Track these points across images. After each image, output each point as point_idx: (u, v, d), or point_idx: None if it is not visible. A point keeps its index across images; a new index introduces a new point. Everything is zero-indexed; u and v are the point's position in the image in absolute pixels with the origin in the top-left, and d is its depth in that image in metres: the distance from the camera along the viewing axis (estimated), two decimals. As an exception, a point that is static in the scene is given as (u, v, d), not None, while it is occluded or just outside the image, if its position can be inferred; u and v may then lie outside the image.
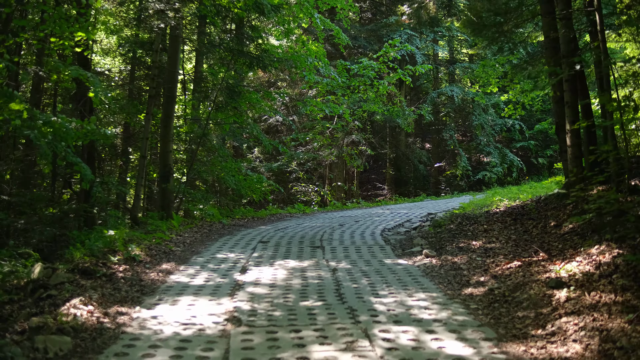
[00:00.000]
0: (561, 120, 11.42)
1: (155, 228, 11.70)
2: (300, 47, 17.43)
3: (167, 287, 7.29)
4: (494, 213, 12.42)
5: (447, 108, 31.63)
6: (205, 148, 18.51)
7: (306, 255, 9.84)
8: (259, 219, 16.23)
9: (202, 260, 9.34)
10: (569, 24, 10.66)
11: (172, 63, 15.03)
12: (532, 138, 31.31)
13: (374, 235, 12.28)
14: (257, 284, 7.53)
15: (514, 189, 19.30)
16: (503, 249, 8.79)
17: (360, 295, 6.88)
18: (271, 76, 27.42)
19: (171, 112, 15.08)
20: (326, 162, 27.26)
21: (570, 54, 10.64)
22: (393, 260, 9.25)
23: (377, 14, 30.58)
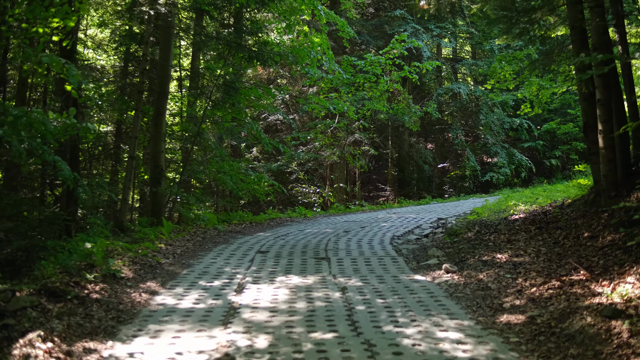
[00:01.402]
0: (590, 119, 10.39)
1: (142, 236, 10.63)
2: (303, 40, 16.37)
3: (149, 312, 6.22)
4: (513, 220, 11.39)
5: (452, 107, 30.57)
6: (201, 147, 17.50)
7: (310, 269, 8.79)
8: (258, 224, 15.17)
9: (193, 275, 8.28)
10: (600, 12, 9.62)
11: (164, 56, 13.98)
12: (540, 138, 30.26)
13: (384, 244, 11.23)
14: (256, 307, 6.47)
15: (527, 192, 18.26)
16: (535, 265, 7.74)
17: (377, 323, 5.83)
18: (271, 73, 26.37)
19: (163, 109, 14.02)
20: (327, 163, 26.21)
21: (604, 46, 9.61)
22: (409, 276, 8.20)
23: (380, 9, 29.53)
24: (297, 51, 15.42)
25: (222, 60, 15.84)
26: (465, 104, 30.42)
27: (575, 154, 29.18)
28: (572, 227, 9.26)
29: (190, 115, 17.59)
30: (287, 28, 15.98)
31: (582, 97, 10.59)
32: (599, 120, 9.50)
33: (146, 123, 15.70)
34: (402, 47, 20.50)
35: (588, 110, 10.44)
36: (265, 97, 16.75)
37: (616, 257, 7.15)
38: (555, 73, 13.56)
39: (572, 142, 29.49)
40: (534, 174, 29.46)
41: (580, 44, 10.58)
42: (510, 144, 30.46)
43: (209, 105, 15.59)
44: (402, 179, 30.44)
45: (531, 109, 15.74)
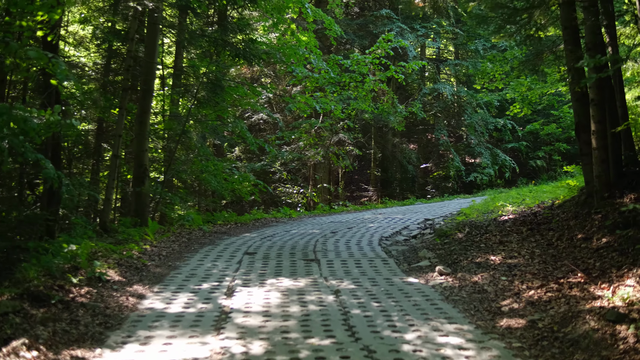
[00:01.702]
0: (583, 119, 10.29)
1: (127, 237, 10.35)
2: (290, 38, 16.15)
3: (138, 317, 5.99)
4: (503, 221, 11.28)
5: (436, 107, 30.53)
6: (185, 146, 17.22)
7: (301, 271, 8.59)
8: (243, 224, 14.93)
9: (181, 278, 8.04)
10: (595, 12, 9.52)
11: (150, 53, 13.69)
12: (523, 139, 30.31)
13: (372, 245, 11.07)
14: (248, 312, 6.26)
15: (512, 192, 18.20)
16: (530, 267, 7.61)
17: (375, 328, 5.65)
18: (255, 72, 26.11)
19: (148, 107, 13.74)
20: (311, 163, 26.02)
21: (598, 47, 9.53)
22: (402, 279, 8.04)
23: (365, 8, 29.40)
24: (284, 49, 15.21)
25: (207, 59, 15.59)
26: (449, 104, 30.41)
27: (558, 155, 29.27)
28: (565, 229, 9.15)
29: (173, 113, 17.30)
30: (273, 26, 15.77)
31: (575, 98, 10.49)
32: (593, 121, 9.41)
33: (130, 121, 15.39)
34: (389, 47, 20.38)
35: (580, 110, 10.34)
36: (251, 96, 16.49)
37: (613, 260, 7.04)
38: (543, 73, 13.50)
39: (554, 143, 29.59)
40: (518, 175, 29.51)
41: (573, 43, 10.48)
42: (494, 144, 30.49)
43: (193, 104, 15.31)
44: (385, 179, 30.34)
45: (520, 110, 15.68)
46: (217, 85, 14.51)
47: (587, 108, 10.36)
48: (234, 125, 16.17)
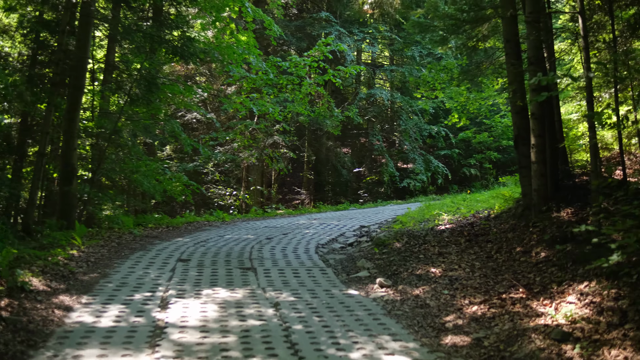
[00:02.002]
0: (522, 132, 10.39)
1: (52, 241, 9.77)
2: (228, 38, 15.76)
3: (64, 333, 5.57)
4: (441, 231, 11.27)
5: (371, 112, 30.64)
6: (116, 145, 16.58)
7: (237, 281, 8.29)
8: (175, 228, 14.46)
9: (112, 287, 7.62)
10: (538, 27, 9.61)
11: (82, 47, 13.09)
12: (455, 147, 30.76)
13: (309, 253, 10.86)
14: (184, 326, 5.93)
15: (447, 200, 18.35)
16: (471, 280, 7.56)
17: (318, 346, 5.43)
18: (189, 70, 25.54)
19: (77, 104, 13.12)
20: (244, 164, 25.64)
21: (540, 61, 9.62)
22: (342, 291, 7.85)
23: (303, 10, 29.24)
24: (222, 49, 14.82)
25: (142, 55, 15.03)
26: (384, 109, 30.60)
27: (489, 163, 29.84)
28: (503, 241, 9.19)
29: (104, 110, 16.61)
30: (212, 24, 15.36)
31: (514, 110, 10.57)
32: (533, 134, 9.48)
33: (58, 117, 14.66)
34: (327, 50, 20.23)
35: (520, 123, 10.43)
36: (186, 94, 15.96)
37: (553, 275, 7.06)
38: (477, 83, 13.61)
39: (486, 152, 30.16)
40: (449, 182, 29.92)
41: (514, 57, 10.57)
42: (427, 151, 30.83)
43: (126, 101, 14.73)
44: (318, 183, 30.24)
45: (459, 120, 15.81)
46: (152, 83, 13.99)
47: (526, 121, 10.47)
48: (167, 124, 15.63)
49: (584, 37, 8.10)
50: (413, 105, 28.45)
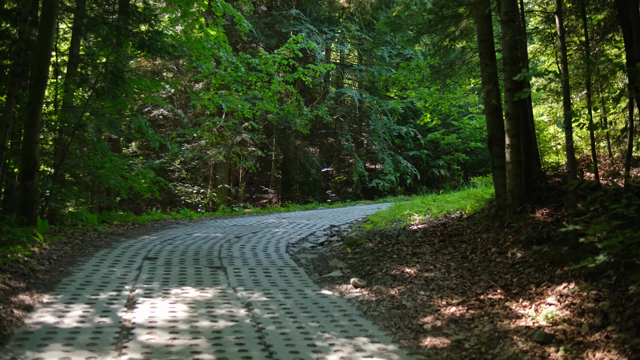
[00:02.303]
0: (497, 133, 10.33)
1: (12, 238, 9.35)
2: (198, 32, 15.43)
3: (24, 335, 5.25)
4: (413, 231, 11.16)
5: (340, 111, 30.52)
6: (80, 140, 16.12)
7: (207, 280, 8.03)
8: (141, 225, 14.09)
9: (75, 285, 7.29)
10: (514, 28, 9.54)
11: (45, 37, 12.64)
12: (423, 148, 30.82)
13: (280, 253, 10.65)
14: (152, 327, 5.66)
15: (417, 201, 18.28)
16: (447, 281, 7.43)
17: (293, 348, 5.22)
18: (156, 65, 25.09)
19: (40, 97, 12.68)
20: (212, 162, 25.28)
21: (515, 61, 9.55)
22: (315, 291, 7.65)
23: (273, 7, 28.96)
24: (192, 43, 14.50)
25: (109, 47, 14.63)
26: (353, 109, 30.51)
27: (458, 164, 29.97)
28: (478, 242, 9.09)
29: (68, 104, 16.14)
30: (181, 18, 15.04)
31: (488, 110, 10.52)
32: (508, 135, 9.41)
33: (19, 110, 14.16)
34: (297, 48, 20.02)
35: (494, 123, 10.38)
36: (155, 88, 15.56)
37: (530, 276, 6.96)
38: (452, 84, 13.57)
39: (454, 153, 30.29)
40: (418, 182, 29.97)
41: (488, 57, 10.52)
42: (395, 151, 30.83)
43: (92, 95, 14.30)
44: (286, 182, 30.03)
45: (431, 120, 15.73)
46: (118, 76, 13.61)
47: (500, 121, 10.42)
48: (134, 119, 15.23)
49: (560, 37, 8.02)
50: (382, 105, 28.41)
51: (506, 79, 9.49)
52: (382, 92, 29.79)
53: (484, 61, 10.57)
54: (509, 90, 9.41)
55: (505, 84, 9.54)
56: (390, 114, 29.37)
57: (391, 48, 28.99)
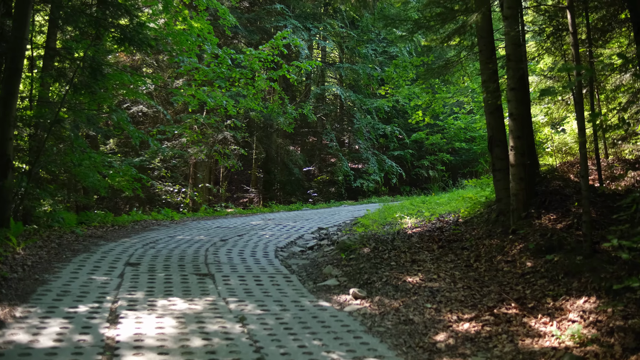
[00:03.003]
0: (497, 133, 9.89)
1: (-17, 242, 8.74)
2: (181, 24, 14.78)
3: (-5, 357, 4.69)
4: (408, 235, 10.67)
5: (323, 110, 30.01)
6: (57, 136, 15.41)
7: (195, 290, 7.46)
8: (121, 227, 13.44)
9: (51, 296, 6.68)
10: (517, 22, 9.09)
11: (19, 27, 11.92)
12: (408, 147, 30.42)
13: (269, 258, 10.11)
14: (139, 346, 5.09)
15: (406, 202, 17.76)
16: (454, 292, 6.94)
17: (298, 373, 4.70)
18: (136, 61, 24.35)
19: (14, 90, 11.97)
20: (192, 160, 24.61)
21: (518, 58, 9.09)
22: (312, 302, 7.12)
23: (255, 3, 28.34)
24: (175, 35, 13.86)
25: (87, 40, 13.95)
26: (337, 107, 30.03)
27: (442, 165, 29.62)
28: (481, 248, 8.62)
29: (44, 99, 15.41)
30: (164, 10, 14.40)
31: (488, 110, 10.06)
32: (511, 136, 8.94)
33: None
34: (283, 44, 19.45)
35: (495, 124, 9.93)
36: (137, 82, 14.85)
37: (544, 287, 6.50)
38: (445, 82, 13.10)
39: (438, 153, 29.94)
40: (402, 183, 29.57)
41: (488, 54, 10.07)
42: (379, 151, 30.40)
43: (68, 90, 13.60)
44: (267, 181, 29.46)
45: (423, 119, 15.27)
46: (97, 70, 12.92)
47: (501, 122, 9.98)
48: (115, 114, 14.51)
49: (572, 34, 7.57)
50: (367, 103, 27.93)
51: (510, 77, 9.03)
52: (367, 90, 29.34)
53: (483, 59, 10.12)
54: (512, 90, 8.96)
55: (508, 82, 9.08)
56: (376, 112, 28.90)
57: (376, 45, 28.53)
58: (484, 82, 10.15)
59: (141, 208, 20.19)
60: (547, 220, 8.28)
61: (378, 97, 27.30)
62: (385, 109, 27.75)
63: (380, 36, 28.99)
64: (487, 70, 9.99)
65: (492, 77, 9.96)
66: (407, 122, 30.18)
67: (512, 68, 8.97)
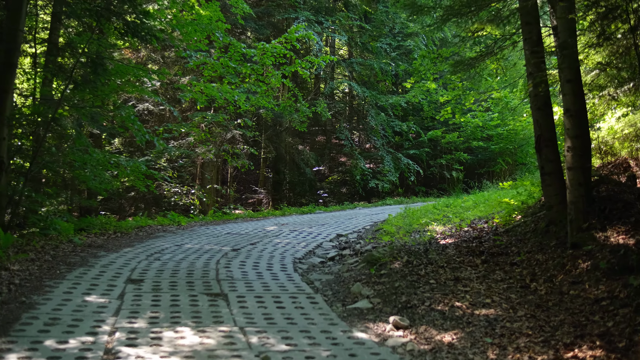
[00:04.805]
0: (546, 132, 8.75)
1: (-37, 258, 7.67)
2: (188, 15, 13.64)
3: None
4: (443, 246, 9.56)
5: (335, 107, 28.88)
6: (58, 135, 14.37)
7: (206, 316, 6.34)
8: (124, 234, 12.35)
9: (38, 325, 5.57)
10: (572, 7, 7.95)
11: (14, 17, 10.89)
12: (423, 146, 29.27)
13: (287, 272, 9.01)
14: (139, 407, 4.00)
15: (429, 206, 16.58)
16: (517, 322, 5.80)
17: None
18: (141, 57, 23.27)
19: (8, 86, 10.92)
20: (200, 161, 23.53)
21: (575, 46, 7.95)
22: (346, 332, 5.98)
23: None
24: (182, 26, 12.74)
25: (88, 33, 12.88)
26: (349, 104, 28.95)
27: (460, 165, 28.48)
28: (534, 265, 7.49)
29: (45, 96, 14.36)
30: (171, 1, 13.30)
31: (535, 106, 8.92)
32: (568, 135, 7.80)
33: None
34: (296, 38, 18.34)
35: (543, 121, 8.80)
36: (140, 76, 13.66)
37: (632, 320, 5.35)
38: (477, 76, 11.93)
39: (454, 152, 28.82)
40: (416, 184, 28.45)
41: (535, 43, 8.95)
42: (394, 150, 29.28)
43: (67, 85, 12.51)
44: (277, 182, 28.36)
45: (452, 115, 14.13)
46: (98, 64, 11.82)
47: (550, 119, 8.86)
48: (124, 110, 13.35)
49: None
50: (382, 100, 26.75)
51: (566, 67, 7.90)
52: (382, 87, 28.21)
53: (529, 48, 9.00)
54: (569, 82, 7.84)
55: (564, 74, 7.94)
56: (391, 109, 27.70)
57: (390, 40, 27.39)
58: (529, 74, 9.03)
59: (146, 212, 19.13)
60: (615, 232, 7.14)
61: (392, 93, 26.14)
62: (402, 104, 26.58)
63: (395, 30, 27.86)
64: (534, 60, 8.86)
65: (539, 68, 8.83)
66: (422, 120, 29.09)
67: (568, 57, 7.83)
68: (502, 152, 28.41)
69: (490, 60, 11.71)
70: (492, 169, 28.86)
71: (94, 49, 12.75)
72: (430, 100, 27.05)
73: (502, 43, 11.37)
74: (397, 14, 26.94)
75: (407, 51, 27.61)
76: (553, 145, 8.64)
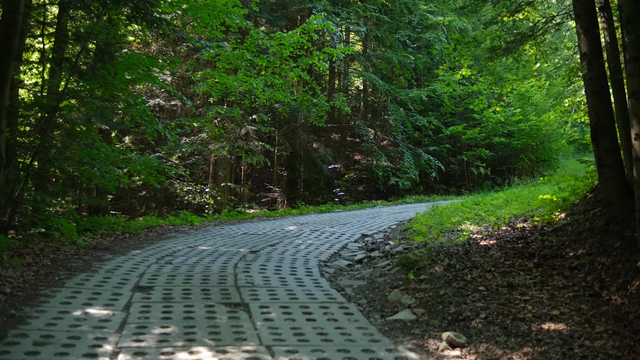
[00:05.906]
0: (603, 119, 7.79)
1: (-50, 263, 6.82)
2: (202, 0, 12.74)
3: None
4: (484, 247, 8.62)
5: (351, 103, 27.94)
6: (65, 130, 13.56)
7: (226, 332, 5.44)
8: (133, 235, 11.48)
9: (25, 346, 4.68)
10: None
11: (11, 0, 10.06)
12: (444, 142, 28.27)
13: (314, 276, 8.12)
14: None
15: (457, 203, 15.59)
16: (598, 341, 4.85)
17: None
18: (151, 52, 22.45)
19: (7, 74, 10.05)
20: (213, 158, 22.66)
21: None
22: (392, 352, 5.04)
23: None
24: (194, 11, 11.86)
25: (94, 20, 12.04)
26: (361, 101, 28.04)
27: (481, 161, 27.49)
28: (599, 269, 6.53)
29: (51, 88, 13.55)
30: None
31: (591, 91, 7.96)
32: (635, 121, 6.83)
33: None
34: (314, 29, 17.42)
35: (600, 107, 7.82)
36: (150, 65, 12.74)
37: None
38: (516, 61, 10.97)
39: (475, 149, 27.85)
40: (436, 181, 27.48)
41: (588, 19, 7.99)
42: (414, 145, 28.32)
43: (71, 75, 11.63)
44: (292, 180, 27.47)
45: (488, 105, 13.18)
46: (105, 51, 10.93)
47: (608, 104, 7.89)
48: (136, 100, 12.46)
49: None
50: (401, 94, 25.77)
51: (629, 44, 6.92)
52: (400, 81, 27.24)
53: (582, 25, 8.04)
54: (635, 60, 6.84)
55: (628, 51, 6.94)
56: (411, 103, 26.70)
57: (410, 31, 26.43)
58: (583, 54, 8.06)
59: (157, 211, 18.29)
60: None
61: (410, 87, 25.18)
62: (422, 97, 25.59)
63: (413, 22, 26.90)
64: (586, 38, 7.91)
65: (594, 48, 7.88)
66: (442, 115, 28.13)
67: (632, 32, 6.85)
68: (524, 148, 27.42)
69: (530, 45, 10.77)
70: (514, 166, 27.88)
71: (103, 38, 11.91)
72: (450, 94, 26.11)
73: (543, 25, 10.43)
74: (417, 5, 25.99)
75: (426, 44, 26.65)
76: (612, 133, 7.69)
